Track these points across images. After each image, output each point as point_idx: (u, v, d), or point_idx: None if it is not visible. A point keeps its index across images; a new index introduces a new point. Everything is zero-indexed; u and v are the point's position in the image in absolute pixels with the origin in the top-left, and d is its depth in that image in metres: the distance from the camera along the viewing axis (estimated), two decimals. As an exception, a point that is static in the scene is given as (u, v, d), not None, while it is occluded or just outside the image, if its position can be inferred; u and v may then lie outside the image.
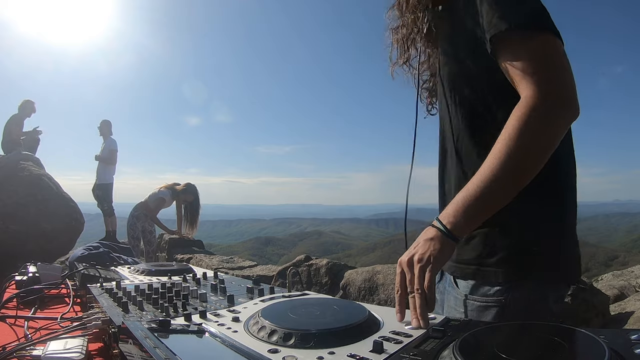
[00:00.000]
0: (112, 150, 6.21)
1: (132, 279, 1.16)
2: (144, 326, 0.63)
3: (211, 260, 5.36)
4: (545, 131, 0.67)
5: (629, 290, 3.45)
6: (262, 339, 0.58)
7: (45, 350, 0.75)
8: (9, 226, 4.46)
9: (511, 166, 0.67)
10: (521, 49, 0.69)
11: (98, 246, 1.72)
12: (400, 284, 0.71)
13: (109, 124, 6.34)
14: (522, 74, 0.68)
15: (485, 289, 0.79)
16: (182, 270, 1.28)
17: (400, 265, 0.73)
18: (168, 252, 6.22)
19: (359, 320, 0.61)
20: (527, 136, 0.66)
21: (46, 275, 1.38)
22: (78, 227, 5.13)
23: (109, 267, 1.39)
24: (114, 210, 6.37)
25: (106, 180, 6.23)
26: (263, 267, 4.83)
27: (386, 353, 0.51)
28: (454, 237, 0.70)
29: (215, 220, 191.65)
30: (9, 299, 1.11)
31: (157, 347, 0.54)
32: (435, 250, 0.69)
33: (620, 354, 0.42)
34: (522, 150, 0.66)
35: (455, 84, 0.84)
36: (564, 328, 0.50)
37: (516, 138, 0.66)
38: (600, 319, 2.82)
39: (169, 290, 0.88)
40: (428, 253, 0.69)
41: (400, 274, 0.73)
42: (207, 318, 0.69)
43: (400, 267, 0.73)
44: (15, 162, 5.16)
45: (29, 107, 6.10)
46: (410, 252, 0.72)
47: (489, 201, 0.69)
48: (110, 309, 0.78)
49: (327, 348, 0.53)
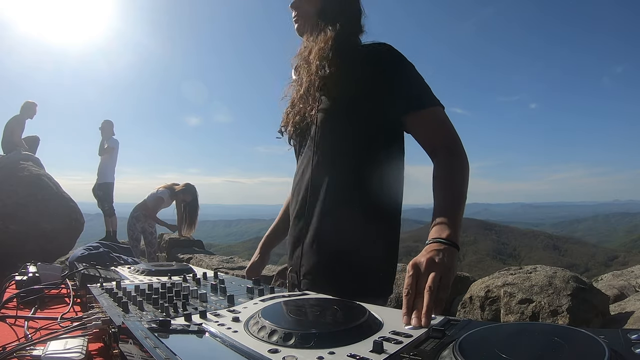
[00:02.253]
0: (113, 148, 6.22)
1: (132, 279, 1.16)
2: (144, 326, 0.63)
3: (211, 260, 5.36)
4: (467, 169, 0.99)
5: (629, 290, 3.45)
6: (262, 339, 0.58)
7: (45, 350, 0.75)
8: (9, 226, 4.45)
9: (464, 192, 0.95)
10: (433, 118, 1.02)
11: (98, 246, 1.72)
12: (410, 286, 0.72)
13: (111, 124, 6.34)
14: (436, 134, 1.01)
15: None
16: (182, 270, 1.28)
17: (412, 267, 0.75)
18: (168, 252, 6.22)
19: (359, 321, 0.61)
20: (464, 173, 0.98)
21: (46, 275, 1.38)
22: (78, 227, 5.13)
23: (109, 267, 1.39)
24: (114, 210, 6.37)
25: (107, 179, 6.23)
26: (263, 267, 4.82)
27: (386, 353, 0.51)
28: (458, 247, 0.82)
29: (215, 220, 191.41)
30: (9, 299, 1.11)
31: (157, 347, 0.54)
32: (448, 256, 0.79)
33: (620, 354, 0.42)
34: (465, 181, 0.97)
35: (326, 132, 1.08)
36: (564, 328, 0.51)
37: (459, 174, 0.97)
38: (600, 319, 2.82)
39: (169, 290, 0.88)
40: (442, 258, 0.77)
41: (411, 276, 0.74)
42: (207, 318, 0.69)
43: (412, 269, 0.75)
44: (15, 162, 5.16)
45: (30, 109, 6.10)
46: (424, 256, 0.77)
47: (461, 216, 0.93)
48: (110, 309, 0.78)
49: (327, 348, 0.53)
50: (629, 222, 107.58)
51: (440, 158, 1.00)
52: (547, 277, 3.01)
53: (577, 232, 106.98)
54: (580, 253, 62.94)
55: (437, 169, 0.99)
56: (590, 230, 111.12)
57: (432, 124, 1.02)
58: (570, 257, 60.89)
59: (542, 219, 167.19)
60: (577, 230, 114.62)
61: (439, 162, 1.00)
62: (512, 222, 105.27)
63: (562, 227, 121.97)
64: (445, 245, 0.81)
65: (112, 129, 6.31)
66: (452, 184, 0.96)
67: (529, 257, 59.90)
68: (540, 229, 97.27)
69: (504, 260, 59.44)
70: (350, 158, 1.05)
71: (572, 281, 2.94)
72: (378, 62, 1.03)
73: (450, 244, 0.82)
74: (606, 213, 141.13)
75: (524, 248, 67.95)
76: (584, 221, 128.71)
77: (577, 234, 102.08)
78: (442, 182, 0.97)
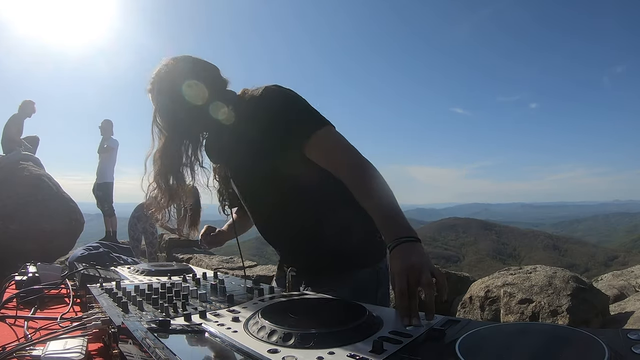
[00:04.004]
0: (113, 148, 6.22)
1: (132, 279, 1.16)
2: (143, 326, 0.63)
3: (211, 260, 5.36)
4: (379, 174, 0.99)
5: (628, 290, 3.45)
6: (262, 339, 0.58)
7: (45, 351, 0.75)
8: (9, 226, 4.45)
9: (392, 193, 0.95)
10: (328, 139, 1.02)
11: (98, 246, 1.72)
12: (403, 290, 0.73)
13: (110, 124, 6.33)
14: (337, 152, 1.01)
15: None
16: (182, 270, 1.28)
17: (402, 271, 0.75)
18: (168, 252, 6.22)
19: (359, 321, 0.61)
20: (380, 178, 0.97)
21: (46, 275, 1.37)
22: (78, 227, 5.12)
23: (109, 267, 1.39)
24: (114, 210, 6.36)
25: (107, 178, 6.22)
26: (263, 267, 4.83)
27: (386, 353, 0.51)
28: (420, 240, 0.84)
29: (216, 220, 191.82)
30: (9, 299, 1.11)
31: (157, 347, 0.54)
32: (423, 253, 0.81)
33: (620, 354, 0.42)
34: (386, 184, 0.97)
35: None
36: (563, 328, 0.51)
37: (379, 179, 0.97)
38: (600, 319, 2.82)
39: (169, 291, 0.88)
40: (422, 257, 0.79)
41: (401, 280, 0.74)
42: (207, 318, 0.69)
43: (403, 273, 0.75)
44: (15, 162, 5.16)
45: (29, 108, 6.09)
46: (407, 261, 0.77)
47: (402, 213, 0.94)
48: (110, 309, 0.78)
49: (327, 348, 0.53)
50: (629, 222, 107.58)
51: (348, 176, 0.98)
52: (547, 277, 3.01)
53: (577, 232, 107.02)
54: (580, 253, 62.96)
55: (350, 185, 0.96)
56: (590, 230, 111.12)
57: (325, 148, 1.01)
58: (570, 257, 60.90)
59: (542, 219, 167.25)
60: (577, 230, 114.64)
61: (351, 179, 0.97)
62: (512, 222, 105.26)
63: (562, 227, 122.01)
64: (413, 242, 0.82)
65: (111, 129, 6.29)
66: (380, 189, 0.95)
67: (529, 257, 59.90)
68: (540, 229, 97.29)
69: (504, 260, 59.44)
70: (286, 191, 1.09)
71: (572, 281, 2.94)
72: (263, 112, 1.04)
73: (415, 239, 0.83)
74: (606, 213, 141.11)
75: (524, 248, 67.95)
76: (584, 221, 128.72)
77: (577, 234, 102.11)
78: (367, 191, 0.95)
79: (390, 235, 0.85)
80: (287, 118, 1.02)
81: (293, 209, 1.11)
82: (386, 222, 0.89)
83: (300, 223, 1.12)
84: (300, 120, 1.02)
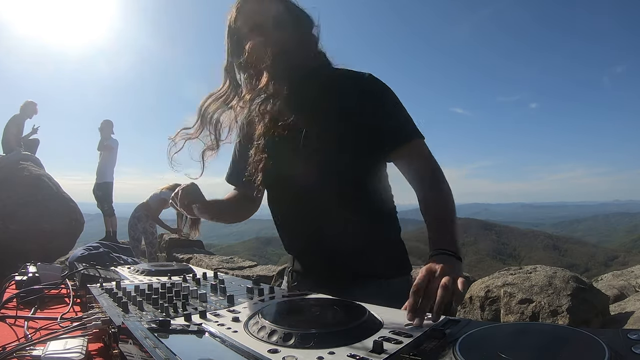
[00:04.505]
0: (113, 148, 6.22)
1: (132, 279, 1.16)
2: (144, 326, 0.63)
3: (211, 260, 5.37)
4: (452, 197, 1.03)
5: (628, 290, 3.45)
6: (262, 339, 0.58)
7: (45, 351, 0.75)
8: (9, 226, 4.45)
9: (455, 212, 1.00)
10: (420, 148, 1.06)
11: (98, 246, 1.72)
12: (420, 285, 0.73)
13: (110, 124, 6.32)
14: (430, 162, 1.05)
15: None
16: (182, 270, 1.28)
17: (426, 270, 0.76)
18: (168, 252, 6.22)
19: (359, 321, 0.61)
20: (452, 197, 1.01)
21: (46, 275, 1.37)
22: (78, 227, 5.13)
23: (109, 267, 1.39)
24: (114, 210, 6.36)
25: (107, 178, 6.23)
26: (263, 267, 4.84)
27: (386, 353, 0.51)
28: (461, 259, 0.87)
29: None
30: (9, 299, 1.11)
31: (157, 347, 0.54)
32: (459, 268, 0.84)
33: (620, 354, 0.42)
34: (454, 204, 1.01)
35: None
36: (563, 328, 0.51)
37: (450, 197, 1.00)
38: (600, 319, 2.82)
39: (169, 291, 0.88)
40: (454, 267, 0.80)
41: (424, 277, 0.75)
42: (207, 318, 0.69)
43: (426, 272, 0.76)
44: (15, 162, 5.16)
45: (30, 108, 6.09)
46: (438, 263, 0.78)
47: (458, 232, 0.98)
48: (110, 309, 0.78)
49: (327, 348, 0.53)
50: (629, 222, 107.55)
51: (429, 184, 1.02)
52: (547, 277, 3.02)
53: (577, 232, 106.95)
54: (580, 253, 62.93)
55: (427, 193, 1.00)
56: (590, 230, 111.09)
57: (419, 156, 1.05)
58: (570, 257, 60.88)
59: (542, 219, 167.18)
60: (577, 230, 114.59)
61: (430, 188, 1.01)
62: (512, 222, 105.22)
63: (562, 227, 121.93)
64: (453, 257, 0.85)
65: (111, 129, 6.29)
66: (447, 202, 0.99)
67: (529, 257, 59.89)
68: (540, 229, 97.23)
69: (504, 260, 59.42)
70: (343, 175, 1.04)
71: (572, 281, 2.94)
72: (363, 94, 1.05)
73: (458, 257, 0.86)
74: (606, 213, 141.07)
75: (524, 248, 67.93)
76: (584, 221, 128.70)
77: (577, 234, 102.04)
78: (435, 201, 0.99)
79: (438, 243, 0.89)
80: (396, 115, 1.05)
81: (339, 201, 1.04)
82: (440, 231, 0.93)
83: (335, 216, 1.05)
84: (408, 123, 1.06)
